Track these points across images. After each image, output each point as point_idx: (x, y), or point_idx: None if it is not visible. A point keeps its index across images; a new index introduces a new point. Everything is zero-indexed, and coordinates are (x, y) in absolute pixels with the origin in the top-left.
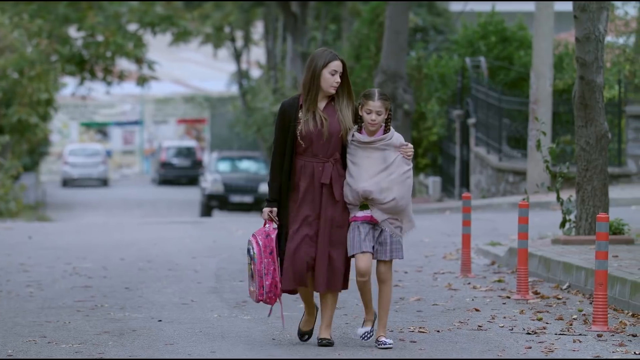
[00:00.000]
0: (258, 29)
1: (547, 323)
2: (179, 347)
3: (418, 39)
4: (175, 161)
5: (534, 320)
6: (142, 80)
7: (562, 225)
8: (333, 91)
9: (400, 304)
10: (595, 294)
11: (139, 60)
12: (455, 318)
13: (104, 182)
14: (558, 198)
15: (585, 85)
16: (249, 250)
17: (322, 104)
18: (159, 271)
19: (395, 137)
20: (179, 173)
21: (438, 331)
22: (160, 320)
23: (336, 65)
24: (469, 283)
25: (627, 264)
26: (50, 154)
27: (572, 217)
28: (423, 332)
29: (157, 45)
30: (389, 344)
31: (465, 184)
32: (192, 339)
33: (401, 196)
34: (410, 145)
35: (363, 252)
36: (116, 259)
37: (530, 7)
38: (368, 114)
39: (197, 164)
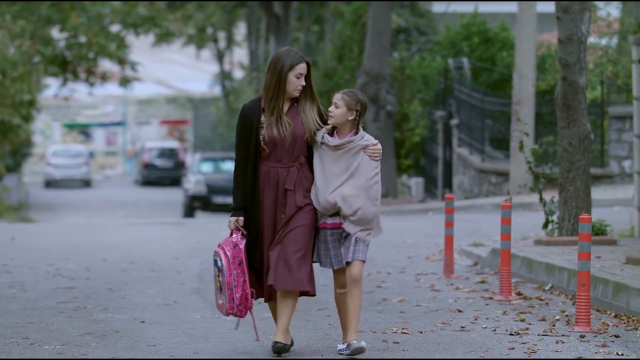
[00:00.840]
0: (241, 30)
1: (529, 324)
2: (162, 349)
3: (401, 40)
4: (158, 162)
5: (516, 321)
6: (124, 81)
7: (545, 226)
8: (297, 94)
9: (383, 305)
10: (578, 294)
11: (121, 61)
12: (438, 319)
13: (86, 183)
14: (541, 199)
15: (567, 86)
16: (216, 262)
17: (284, 107)
18: (141, 272)
19: (366, 138)
20: (162, 174)
21: (421, 332)
22: (143, 322)
23: (302, 68)
24: (452, 284)
25: (610, 265)
26: (33, 155)
27: (554, 218)
28: (406, 333)
29: (140, 47)
30: (362, 346)
31: (448, 185)
32: (175, 340)
33: (369, 204)
34: (378, 146)
35: (337, 268)
36: (99, 260)
37: (512, 8)
38: (331, 105)
39: (180, 165)
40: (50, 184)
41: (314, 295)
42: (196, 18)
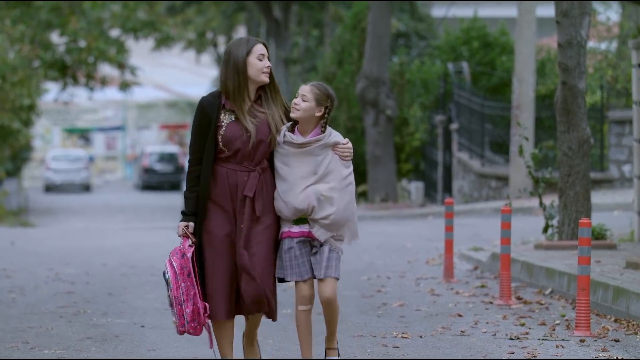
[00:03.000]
0: (240, 34)
1: (529, 328)
2: (162, 353)
3: (400, 44)
4: (158, 167)
5: (516, 325)
6: (124, 86)
7: (545, 230)
8: (266, 78)
9: (383, 309)
10: (578, 299)
11: (121, 66)
12: (438, 323)
13: (86, 187)
14: (540, 203)
15: (567, 91)
16: (164, 274)
17: (247, 103)
18: (141, 277)
19: (333, 136)
20: (162, 179)
21: (421, 336)
22: (143, 326)
23: (260, 49)
24: (452, 288)
25: (610, 269)
26: (33, 159)
27: (554, 222)
28: (406, 337)
29: (140, 51)
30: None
31: (448, 189)
32: (175, 344)
33: (343, 207)
34: (348, 144)
35: (304, 280)
36: (99, 264)
37: (512, 12)
38: (295, 97)
39: (180, 170)
40: (50, 188)
41: (275, 320)
42: (196, 23)
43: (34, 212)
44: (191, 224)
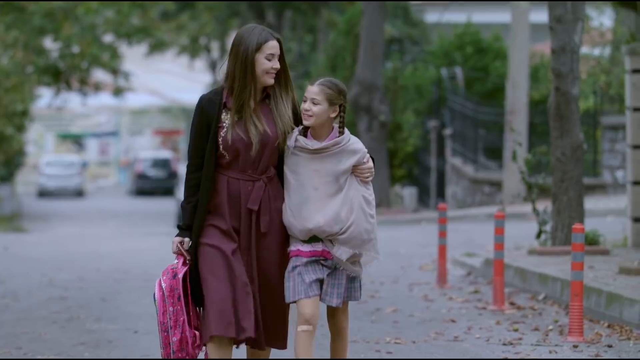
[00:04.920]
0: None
1: (523, 334)
2: (155, 359)
3: (394, 49)
4: (151, 172)
5: (510, 331)
6: (118, 91)
7: (538, 236)
8: (271, 81)
9: (377, 315)
10: (571, 304)
11: (114, 72)
12: (432, 329)
13: (80, 193)
14: (534, 209)
15: (560, 97)
16: (154, 296)
17: (252, 102)
18: (135, 282)
19: (353, 141)
20: (155, 184)
21: (414, 342)
22: (136, 332)
23: (273, 46)
24: (445, 294)
25: (603, 275)
26: (26, 165)
27: (547, 227)
28: (399, 343)
29: (133, 57)
30: None
31: (441, 194)
32: None
33: (363, 220)
34: (369, 162)
35: (309, 297)
36: (92, 270)
37: (506, 18)
38: (304, 102)
39: (173, 175)
40: (43, 194)
41: (285, 348)
42: (189, 28)
43: (28, 217)
44: (186, 239)
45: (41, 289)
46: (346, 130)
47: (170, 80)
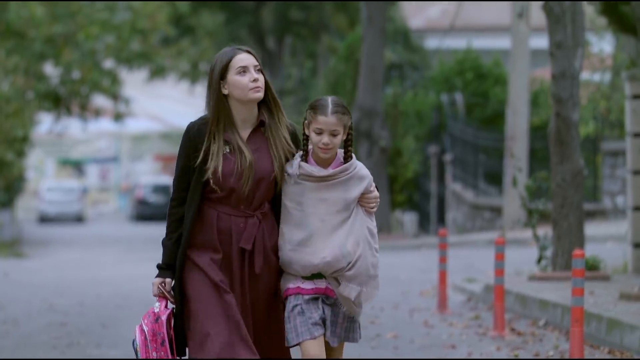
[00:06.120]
0: None
1: None
2: None
3: (394, 75)
4: (152, 198)
5: (510, 357)
6: (118, 117)
7: (539, 261)
8: (258, 95)
9: (377, 341)
10: (572, 330)
11: (115, 97)
12: (432, 355)
13: (80, 219)
14: (534, 234)
15: (561, 122)
16: (133, 342)
17: (246, 130)
18: (135, 308)
19: (360, 167)
20: (156, 210)
21: None
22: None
23: (241, 59)
24: (446, 320)
25: (603, 301)
26: (27, 190)
27: (548, 253)
28: None
29: (134, 82)
30: None
31: (442, 220)
32: None
33: (369, 253)
34: (374, 192)
35: (314, 337)
36: (93, 295)
37: (506, 44)
38: (318, 134)
39: None
40: (44, 219)
41: None
42: (189, 54)
43: (28, 243)
44: (168, 280)
45: (41, 314)
46: (353, 155)
47: (171, 105)
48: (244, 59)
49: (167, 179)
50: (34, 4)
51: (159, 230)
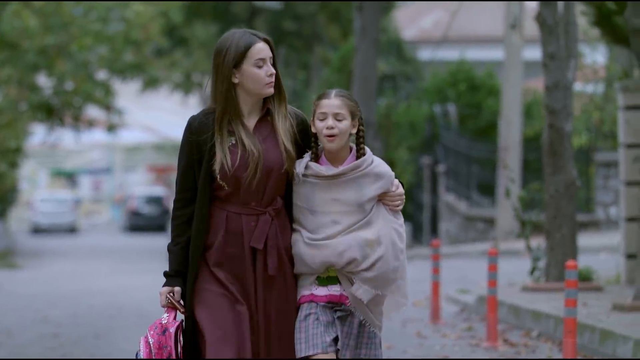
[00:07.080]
0: None
1: None
2: None
3: (387, 86)
4: (145, 209)
5: None
6: (111, 128)
7: (532, 272)
8: (269, 91)
9: None
10: (565, 341)
11: (108, 108)
12: None
13: (73, 230)
14: (527, 245)
15: (554, 133)
16: (136, 355)
17: (252, 120)
18: (128, 319)
19: (377, 163)
20: (149, 221)
21: None
22: None
23: (260, 50)
24: (439, 330)
25: (596, 312)
26: (19, 201)
27: (541, 264)
28: None
29: (127, 93)
30: None
31: (435, 231)
32: None
33: (391, 255)
34: (399, 189)
35: (326, 352)
36: (86, 306)
37: (499, 55)
38: (322, 120)
39: (166, 212)
40: (37, 230)
41: None
42: (183, 65)
43: (21, 254)
44: (177, 289)
45: (35, 325)
46: (368, 151)
47: (164, 116)
48: (263, 49)
49: (161, 190)
50: (28, 15)
51: (152, 242)
